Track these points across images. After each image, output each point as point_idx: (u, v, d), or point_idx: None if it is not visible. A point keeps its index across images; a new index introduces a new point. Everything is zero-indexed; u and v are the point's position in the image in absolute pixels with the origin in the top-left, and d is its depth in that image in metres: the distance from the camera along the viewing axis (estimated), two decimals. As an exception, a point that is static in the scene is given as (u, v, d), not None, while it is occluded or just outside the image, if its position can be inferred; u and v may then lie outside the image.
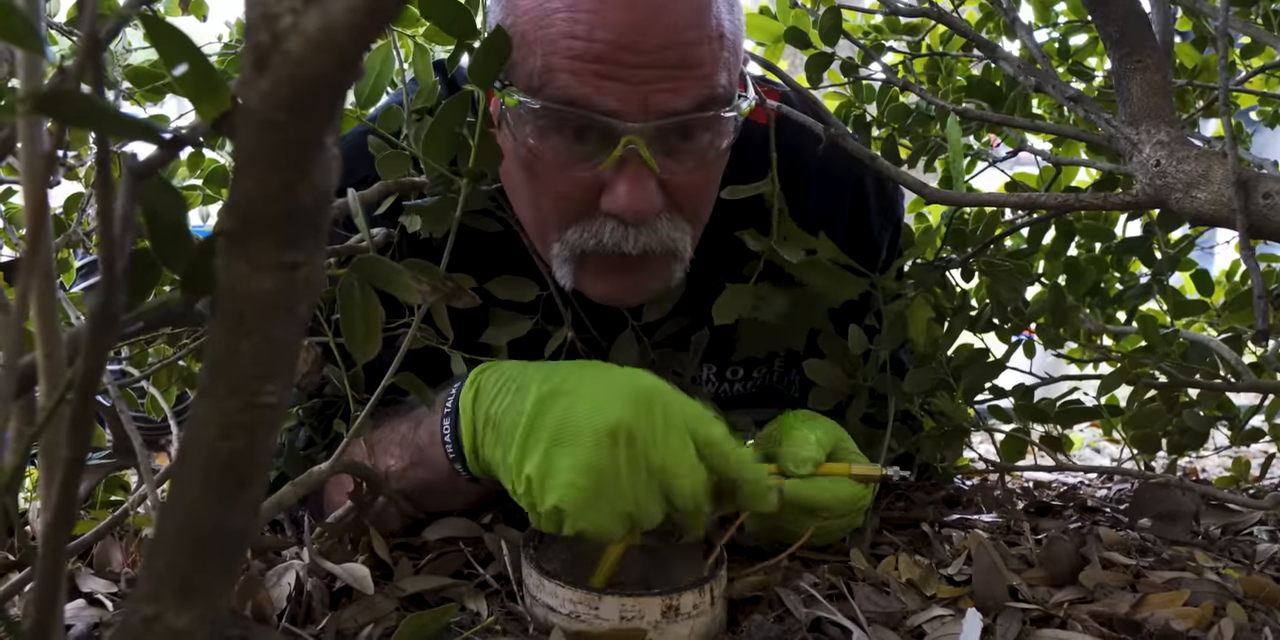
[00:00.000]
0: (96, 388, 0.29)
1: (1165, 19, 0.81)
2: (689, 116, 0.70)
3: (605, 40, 0.67)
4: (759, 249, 0.83)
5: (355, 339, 0.53)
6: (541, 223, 0.78)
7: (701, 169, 0.76)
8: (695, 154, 0.74)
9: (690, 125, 0.71)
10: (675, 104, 0.69)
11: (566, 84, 0.68)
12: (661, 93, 0.69)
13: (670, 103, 0.69)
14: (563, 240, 0.76)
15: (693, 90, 0.70)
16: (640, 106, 0.69)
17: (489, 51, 0.62)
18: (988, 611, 0.65)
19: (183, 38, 0.31)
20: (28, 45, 0.27)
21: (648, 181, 0.71)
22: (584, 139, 0.71)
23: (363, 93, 0.76)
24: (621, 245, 0.74)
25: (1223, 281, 1.26)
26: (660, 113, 0.69)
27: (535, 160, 0.73)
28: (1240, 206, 0.61)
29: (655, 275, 0.79)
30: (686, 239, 0.78)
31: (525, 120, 0.71)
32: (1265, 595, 0.69)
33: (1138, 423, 1.04)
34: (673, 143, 0.72)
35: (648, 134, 0.69)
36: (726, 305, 0.84)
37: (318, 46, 0.23)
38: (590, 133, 0.70)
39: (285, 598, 0.61)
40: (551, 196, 0.75)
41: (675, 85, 0.69)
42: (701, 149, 0.74)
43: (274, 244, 0.25)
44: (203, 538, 0.28)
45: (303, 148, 0.24)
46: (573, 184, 0.73)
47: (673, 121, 0.70)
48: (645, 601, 0.59)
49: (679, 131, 0.72)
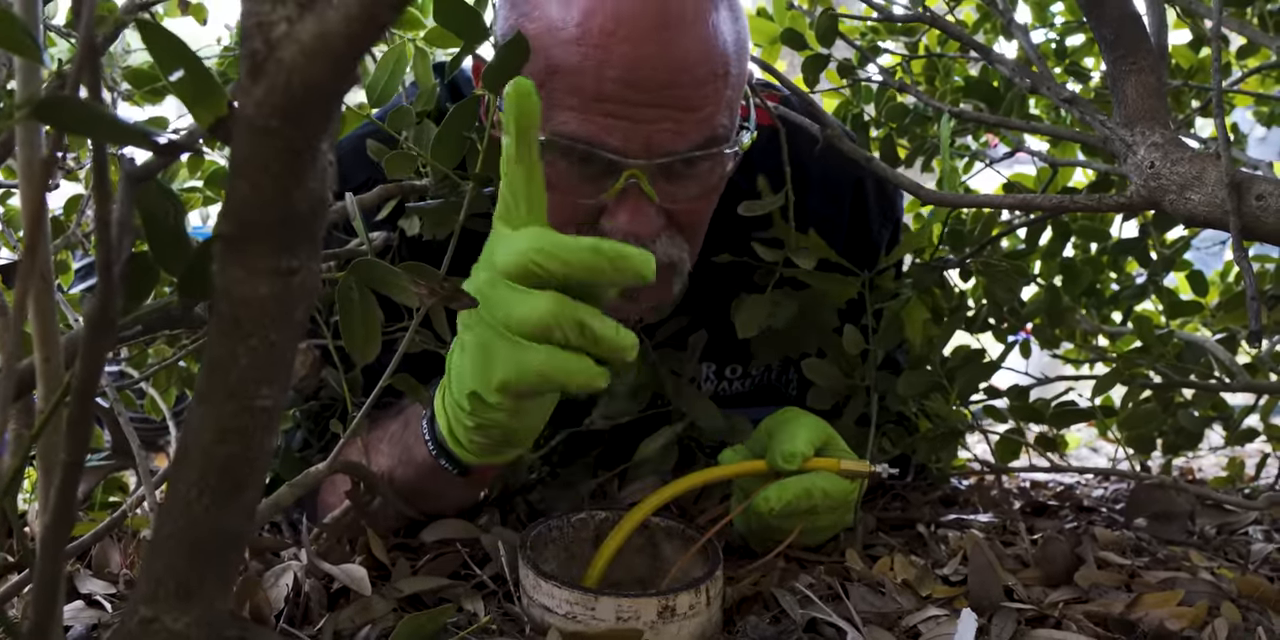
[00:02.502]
0: (94, 391, 0.29)
1: (1160, 20, 0.82)
2: (689, 155, 0.72)
3: (612, 78, 0.67)
4: (773, 260, 0.84)
5: (354, 342, 0.53)
6: None
7: (703, 196, 0.77)
8: (696, 181, 0.75)
9: (691, 158, 0.73)
10: (677, 145, 0.71)
11: (569, 120, 0.69)
12: (664, 133, 0.70)
13: (672, 143, 0.71)
14: None
15: (694, 132, 0.71)
16: (644, 145, 0.70)
17: (506, 57, 0.62)
18: (983, 611, 0.65)
19: (179, 43, 0.31)
20: (25, 53, 0.28)
21: (648, 208, 0.73)
22: (588, 164, 0.72)
23: (374, 92, 0.76)
24: None
25: (1217, 282, 1.27)
26: (662, 152, 0.71)
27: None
28: (1234, 208, 0.61)
29: (656, 292, 0.80)
30: (685, 255, 0.79)
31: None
32: (1259, 595, 0.69)
33: (1133, 423, 1.04)
34: (674, 171, 0.74)
35: (650, 170, 0.71)
36: (748, 318, 0.84)
37: (313, 54, 0.23)
38: (593, 162, 0.72)
39: (283, 599, 0.62)
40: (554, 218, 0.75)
41: (678, 127, 0.70)
42: (702, 176, 0.75)
43: (270, 249, 0.26)
44: (200, 540, 0.29)
45: (298, 154, 0.25)
46: (574, 207, 0.74)
47: (674, 159, 0.71)
48: (641, 602, 0.59)
49: (681, 163, 0.73)
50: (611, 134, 0.69)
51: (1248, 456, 1.39)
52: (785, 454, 0.71)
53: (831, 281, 0.87)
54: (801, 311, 0.87)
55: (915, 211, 1.30)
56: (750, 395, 1.02)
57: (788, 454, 0.71)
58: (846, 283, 0.88)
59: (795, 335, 0.90)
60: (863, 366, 0.90)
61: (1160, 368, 1.02)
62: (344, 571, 0.63)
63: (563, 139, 0.70)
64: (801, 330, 0.90)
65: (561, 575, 0.63)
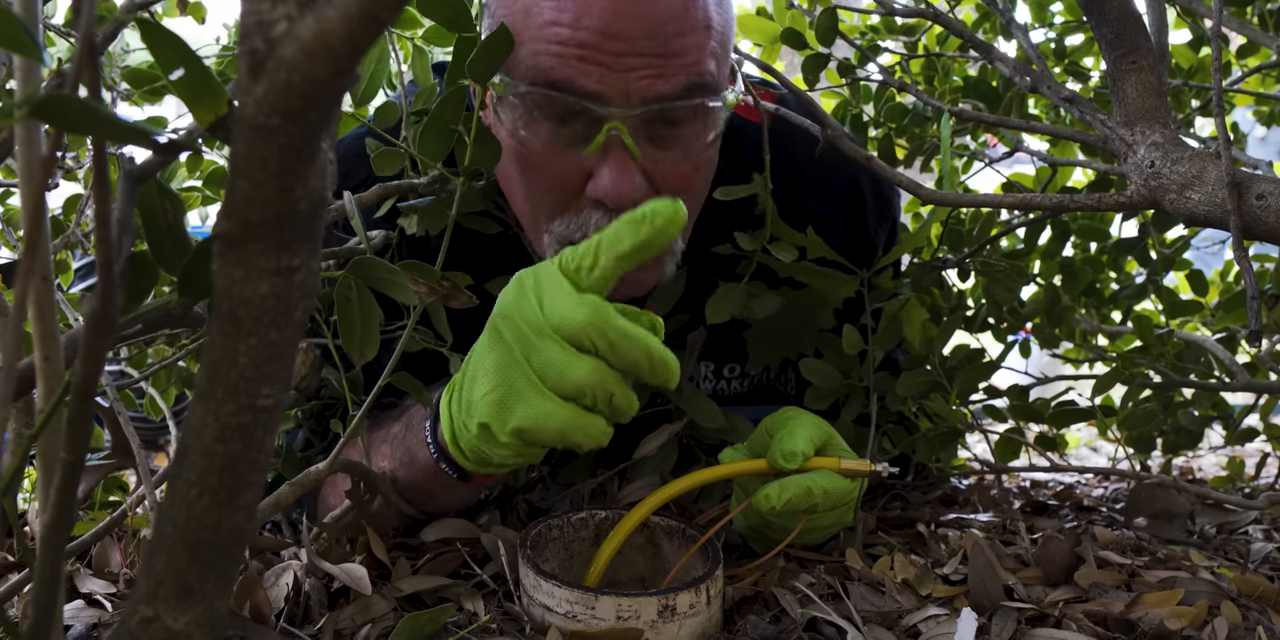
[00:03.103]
0: (94, 390, 0.29)
1: (1160, 20, 0.82)
2: (673, 104, 0.71)
3: (590, 27, 0.68)
4: (752, 248, 0.83)
5: (352, 341, 0.53)
6: (533, 216, 0.78)
7: (688, 159, 0.76)
8: (681, 144, 0.74)
9: (676, 114, 0.72)
10: (659, 89, 0.70)
11: (550, 67, 0.69)
12: (645, 79, 0.69)
13: (654, 88, 0.70)
14: (551, 231, 0.77)
15: (678, 76, 0.70)
16: (623, 93, 0.69)
17: (490, 48, 0.62)
18: (983, 611, 0.65)
19: (179, 42, 0.31)
20: (24, 52, 0.28)
21: (631, 167, 0.72)
22: (569, 124, 0.72)
23: (357, 92, 0.76)
24: None
25: (1217, 281, 1.27)
26: (644, 99, 0.70)
27: (524, 150, 0.74)
28: (1234, 207, 0.61)
29: (646, 271, 0.79)
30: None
31: (514, 108, 0.72)
32: (1259, 594, 0.69)
33: (1133, 422, 1.04)
34: (658, 131, 0.73)
35: (631, 121, 0.70)
36: (719, 305, 0.84)
37: (312, 53, 0.23)
38: (575, 119, 0.71)
39: (283, 598, 0.62)
40: (540, 187, 0.75)
41: (660, 71, 0.69)
42: (688, 139, 0.74)
43: (270, 248, 0.26)
44: (201, 539, 0.29)
45: (298, 153, 0.25)
46: (559, 172, 0.73)
47: (657, 108, 0.70)
48: (642, 601, 0.59)
49: (664, 120, 0.72)
50: (589, 78, 0.69)
51: (1247, 456, 1.39)
52: (785, 453, 0.71)
53: (830, 280, 0.87)
54: (799, 311, 0.87)
55: (914, 211, 1.30)
56: (748, 395, 1.02)
57: (788, 453, 0.71)
58: (845, 281, 0.88)
59: (792, 335, 0.90)
60: (860, 367, 0.90)
61: (1160, 367, 1.02)
62: (344, 571, 0.63)
63: (540, 88, 0.69)
64: (799, 330, 0.89)
65: (561, 574, 0.63)
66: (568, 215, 0.76)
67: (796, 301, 0.88)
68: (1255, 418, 1.16)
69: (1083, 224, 1.13)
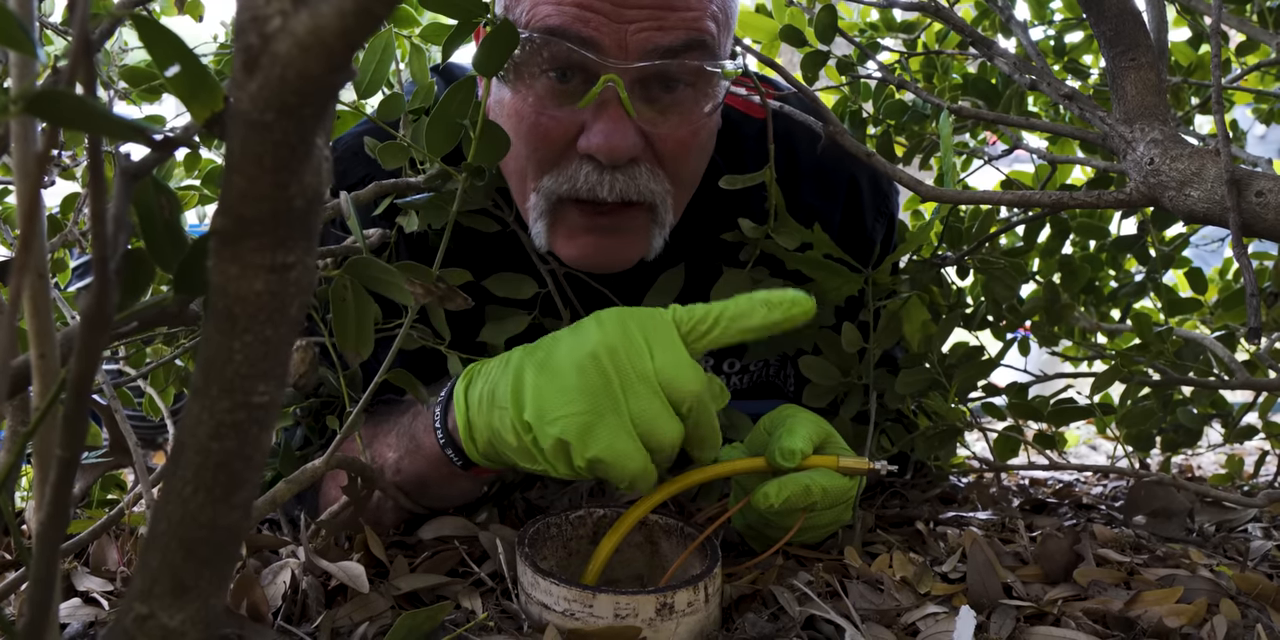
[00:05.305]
0: (90, 387, 0.29)
1: (1159, 17, 0.82)
2: (670, 62, 0.71)
3: None
4: (755, 236, 0.83)
5: (347, 341, 0.53)
6: (521, 173, 0.78)
7: (685, 126, 0.76)
8: (678, 109, 0.74)
9: (672, 74, 0.72)
10: (658, 40, 0.70)
11: (549, 14, 0.69)
12: (644, 31, 0.69)
13: (653, 40, 0.70)
14: (539, 188, 0.76)
15: (677, 30, 0.70)
16: (621, 44, 0.70)
17: (495, 41, 0.62)
18: (982, 609, 0.65)
19: (175, 39, 0.31)
20: (19, 47, 0.27)
21: (626, 123, 0.72)
22: (566, 80, 0.72)
23: (362, 83, 0.76)
24: (597, 190, 0.74)
25: (1216, 279, 1.27)
26: (643, 52, 0.70)
27: (520, 103, 0.74)
28: (1233, 205, 0.61)
29: (632, 241, 0.79)
30: (667, 197, 0.77)
31: (511, 61, 0.72)
32: (1258, 592, 0.69)
33: (1132, 420, 1.04)
34: (655, 93, 0.73)
35: (629, 76, 0.70)
36: (724, 290, 0.84)
37: (307, 48, 0.23)
38: (573, 74, 0.71)
39: (280, 596, 0.62)
40: (532, 140, 0.75)
41: (659, 24, 0.70)
42: (685, 104, 0.74)
43: (265, 245, 0.25)
44: (197, 537, 0.28)
45: (293, 149, 0.24)
46: (553, 124, 0.73)
47: (656, 64, 0.70)
48: (640, 599, 0.59)
49: (662, 80, 0.72)
50: (586, 25, 0.69)
51: (1246, 454, 1.39)
52: (784, 451, 0.71)
53: (835, 275, 0.87)
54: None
55: (914, 208, 1.30)
56: (748, 391, 1.02)
57: (787, 451, 0.71)
58: (849, 277, 0.87)
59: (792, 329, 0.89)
60: (860, 364, 0.90)
61: (1159, 365, 1.02)
62: (342, 569, 0.63)
63: (539, 33, 0.70)
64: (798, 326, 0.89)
65: (559, 572, 0.63)
66: (556, 169, 0.75)
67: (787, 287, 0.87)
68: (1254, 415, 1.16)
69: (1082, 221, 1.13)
